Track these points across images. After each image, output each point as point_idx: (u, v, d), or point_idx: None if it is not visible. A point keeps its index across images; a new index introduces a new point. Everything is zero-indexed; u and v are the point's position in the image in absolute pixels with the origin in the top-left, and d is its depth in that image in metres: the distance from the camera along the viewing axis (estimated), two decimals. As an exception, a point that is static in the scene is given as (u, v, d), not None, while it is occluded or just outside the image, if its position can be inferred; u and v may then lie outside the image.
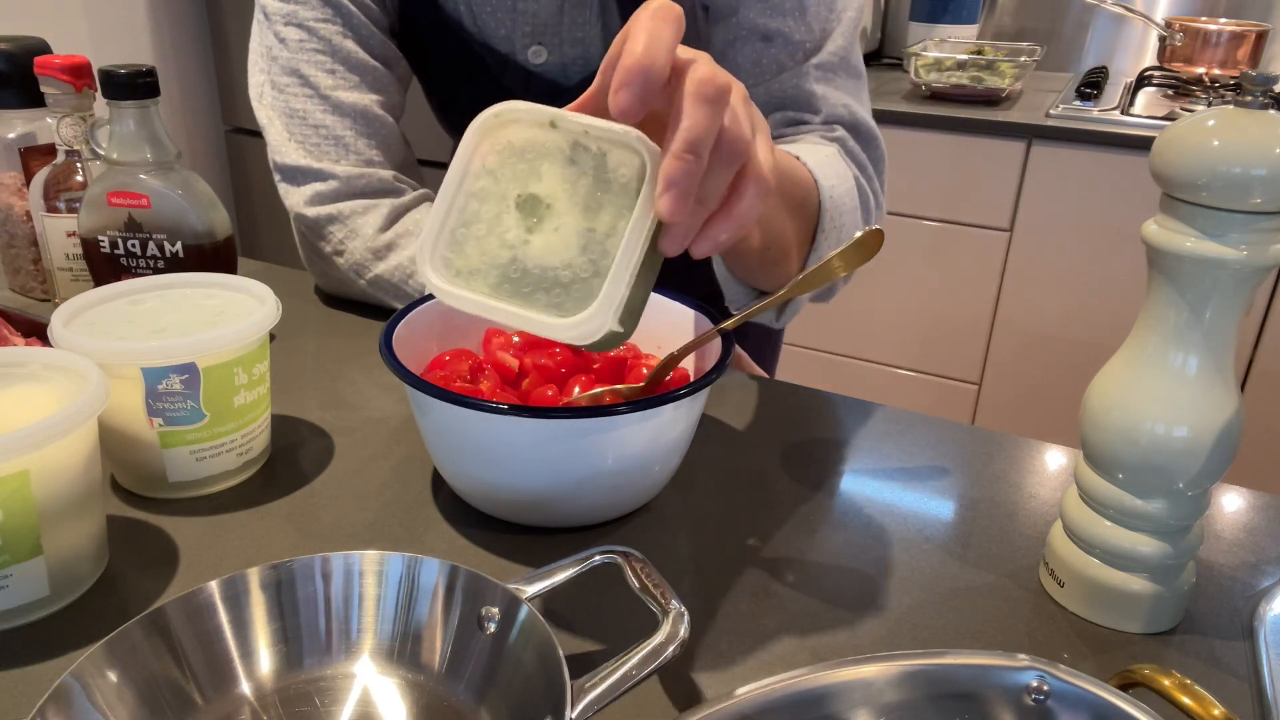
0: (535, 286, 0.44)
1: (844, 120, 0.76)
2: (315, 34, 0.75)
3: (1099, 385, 0.46)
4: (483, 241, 0.45)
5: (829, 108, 0.75)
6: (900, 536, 0.55)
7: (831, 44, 0.76)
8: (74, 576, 0.47)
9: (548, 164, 0.44)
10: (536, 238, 0.44)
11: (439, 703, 0.40)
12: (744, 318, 0.55)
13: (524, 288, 0.44)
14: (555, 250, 0.44)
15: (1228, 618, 0.49)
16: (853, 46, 0.77)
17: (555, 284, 0.44)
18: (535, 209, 0.45)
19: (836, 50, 0.76)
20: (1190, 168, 0.40)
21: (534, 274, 0.44)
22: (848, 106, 0.76)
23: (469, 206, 0.45)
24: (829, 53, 0.76)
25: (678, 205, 0.41)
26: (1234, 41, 1.85)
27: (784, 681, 0.35)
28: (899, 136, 1.77)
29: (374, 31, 0.78)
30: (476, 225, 0.45)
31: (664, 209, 0.41)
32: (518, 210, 0.45)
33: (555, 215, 0.44)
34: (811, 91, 0.75)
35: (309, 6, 0.75)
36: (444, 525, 0.54)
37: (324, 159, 0.76)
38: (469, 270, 0.45)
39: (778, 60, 0.75)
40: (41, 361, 0.49)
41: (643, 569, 0.41)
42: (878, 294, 1.91)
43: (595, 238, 0.43)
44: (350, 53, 0.76)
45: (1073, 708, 0.34)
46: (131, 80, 0.65)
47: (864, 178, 0.75)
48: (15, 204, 0.78)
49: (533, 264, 0.44)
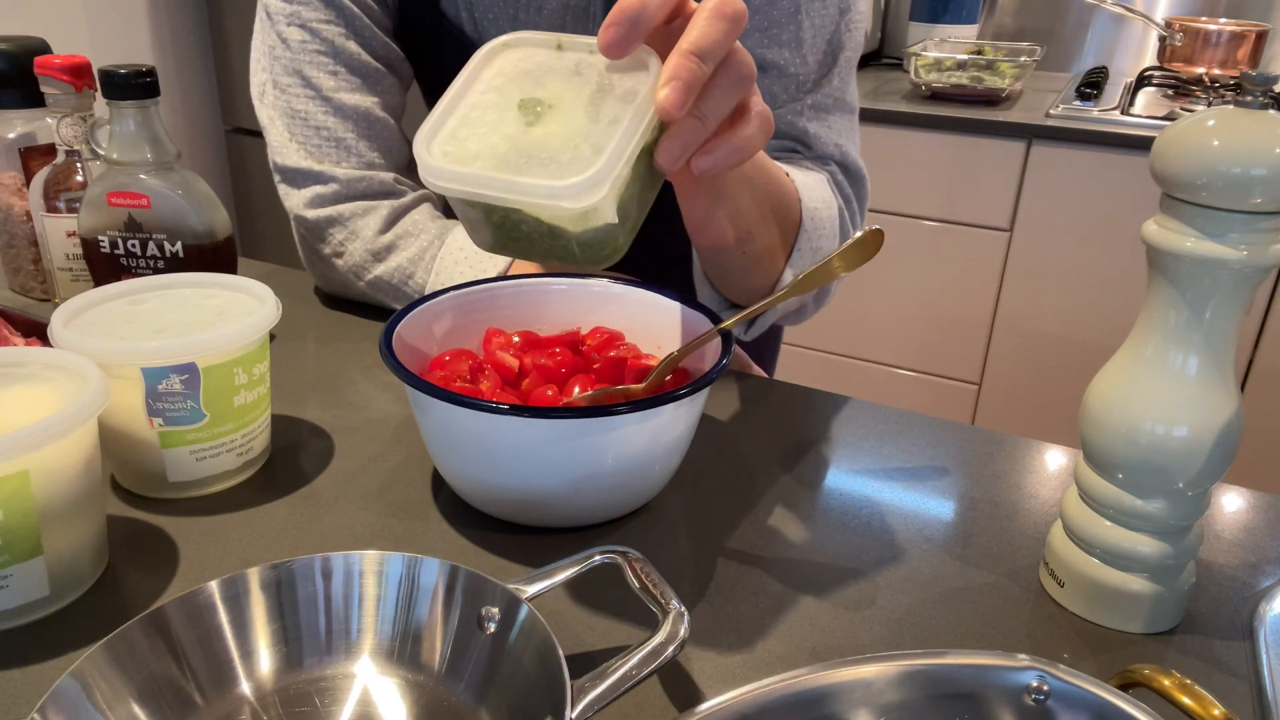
0: (533, 162, 0.43)
1: (834, 158, 0.78)
2: (318, 35, 0.75)
3: (1099, 385, 0.46)
4: (484, 137, 0.45)
5: (821, 145, 0.77)
6: (900, 536, 0.55)
7: (828, 83, 0.77)
8: (74, 576, 0.47)
9: (552, 77, 0.45)
10: (537, 129, 0.44)
11: (439, 703, 0.40)
12: (744, 317, 0.55)
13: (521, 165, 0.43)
14: (556, 136, 0.44)
15: (1228, 618, 0.49)
16: (848, 84, 0.79)
17: (553, 161, 0.43)
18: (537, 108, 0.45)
19: (832, 90, 0.77)
20: (1190, 168, 0.40)
21: (533, 154, 0.44)
22: (839, 146, 0.78)
23: (470, 114, 0.45)
24: (824, 92, 0.77)
25: (678, 98, 0.43)
26: (1234, 41, 1.85)
27: (784, 681, 0.35)
28: (899, 136, 1.78)
29: (376, 33, 0.78)
30: (478, 125, 0.45)
31: (664, 100, 0.43)
32: (519, 110, 0.45)
33: (557, 113, 0.44)
34: (805, 129, 0.76)
35: (311, 7, 0.75)
36: (444, 525, 0.54)
37: (325, 161, 0.76)
38: (467, 157, 0.44)
39: (771, 92, 0.75)
40: (41, 361, 0.49)
41: (643, 569, 0.41)
42: (878, 294, 1.91)
43: (598, 127, 0.44)
44: (352, 54, 0.76)
45: (1073, 708, 0.34)
46: (131, 80, 0.65)
47: (847, 210, 0.77)
48: (15, 204, 0.78)
49: (533, 148, 0.44)
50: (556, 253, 0.46)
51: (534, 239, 0.46)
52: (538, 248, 0.47)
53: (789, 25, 0.74)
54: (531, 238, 0.46)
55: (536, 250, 0.47)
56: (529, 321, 0.63)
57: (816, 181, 0.72)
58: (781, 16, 0.73)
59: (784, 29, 0.74)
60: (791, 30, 0.74)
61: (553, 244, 0.46)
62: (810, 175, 0.72)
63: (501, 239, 0.47)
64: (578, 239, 0.45)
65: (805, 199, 0.68)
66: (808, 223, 0.68)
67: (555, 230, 0.45)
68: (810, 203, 0.68)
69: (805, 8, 0.74)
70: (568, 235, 0.45)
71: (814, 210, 0.68)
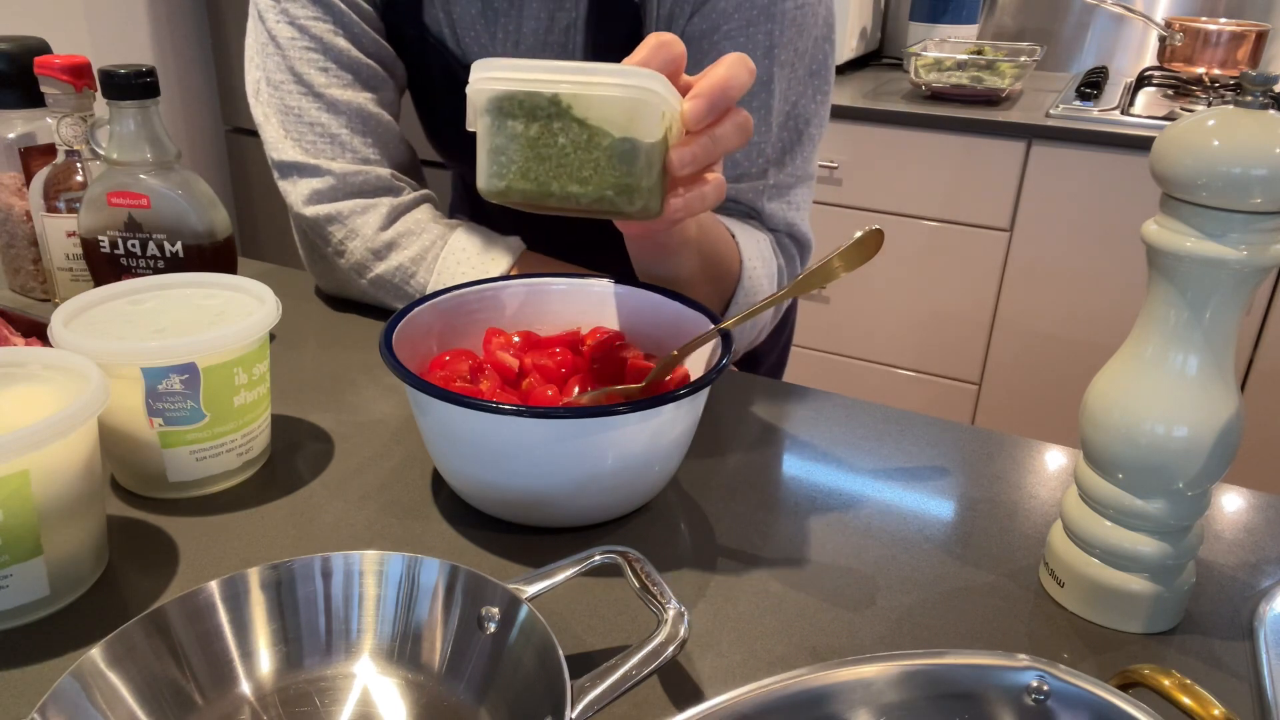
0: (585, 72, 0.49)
1: (780, 229, 0.81)
2: (307, 32, 0.75)
3: (1099, 385, 0.46)
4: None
5: (772, 222, 0.81)
6: (900, 536, 0.55)
7: (792, 160, 0.79)
8: (74, 576, 0.47)
9: None
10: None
11: (439, 703, 0.40)
12: (744, 317, 0.55)
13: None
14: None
15: (1228, 618, 0.49)
16: (810, 159, 0.82)
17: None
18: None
19: (795, 169, 0.80)
20: (1190, 168, 0.40)
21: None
22: (789, 223, 0.81)
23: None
24: (788, 171, 0.79)
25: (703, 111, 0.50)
26: (1234, 41, 1.85)
27: (784, 681, 0.35)
28: (899, 136, 1.78)
29: (366, 30, 0.77)
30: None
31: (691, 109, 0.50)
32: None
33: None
34: (761, 208, 0.80)
35: (299, 4, 0.75)
36: (444, 525, 0.54)
37: (320, 156, 0.76)
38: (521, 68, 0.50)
39: (735, 160, 0.77)
40: (41, 361, 0.49)
41: (643, 569, 0.41)
42: (878, 294, 1.91)
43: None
44: (342, 50, 0.76)
45: (1073, 708, 0.34)
46: (131, 80, 0.65)
47: (789, 270, 0.82)
48: (15, 204, 0.78)
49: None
50: (584, 172, 0.50)
51: (566, 155, 0.50)
52: (568, 167, 0.50)
53: (761, 93, 0.75)
54: (564, 154, 0.50)
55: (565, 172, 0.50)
56: (529, 321, 0.63)
57: (758, 241, 0.77)
58: (755, 85, 0.74)
59: (755, 96, 0.75)
60: (763, 98, 0.75)
61: (584, 161, 0.50)
62: (753, 235, 0.77)
63: (529, 160, 0.50)
64: (615, 150, 0.49)
65: (746, 257, 0.74)
66: (746, 280, 0.74)
67: (593, 139, 0.49)
68: (750, 261, 0.74)
69: (778, 75, 0.75)
70: (605, 144, 0.49)
71: (753, 269, 0.75)
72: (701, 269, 0.68)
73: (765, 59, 0.74)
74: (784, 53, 0.74)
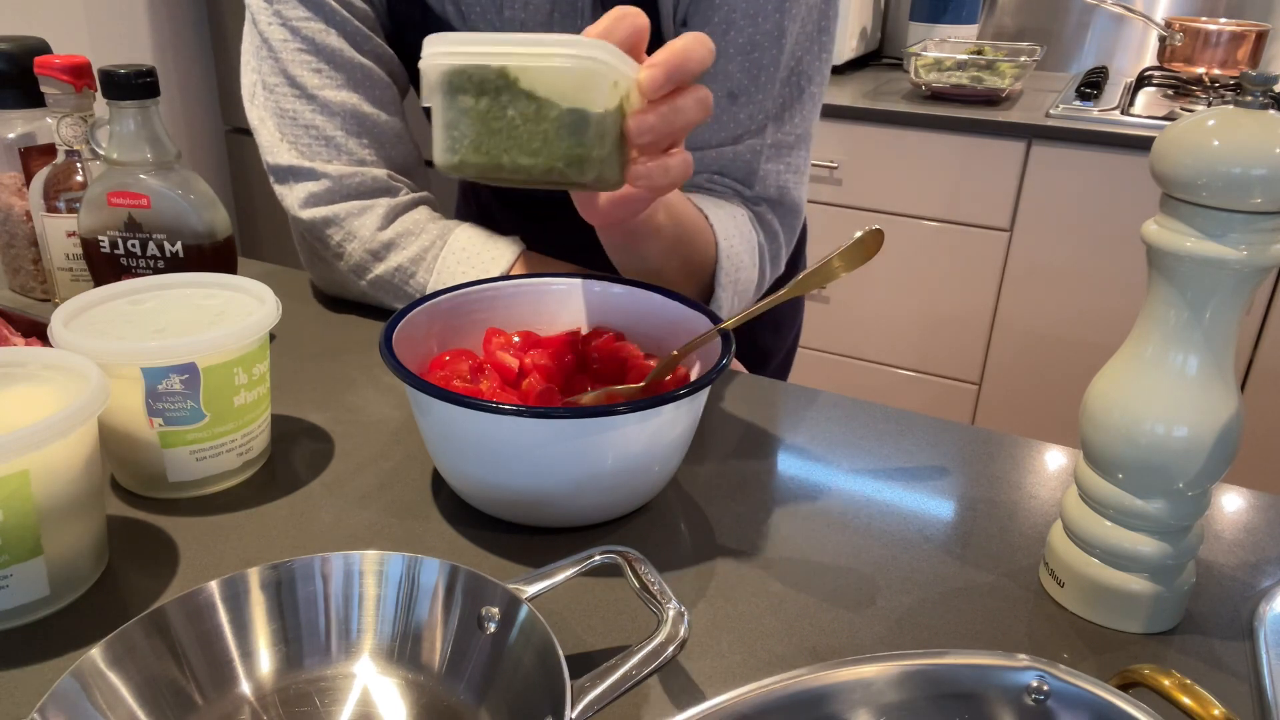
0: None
1: (770, 198, 0.80)
2: (299, 33, 0.75)
3: (1099, 385, 0.46)
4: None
5: (764, 187, 0.79)
6: (900, 536, 0.55)
7: (792, 118, 0.78)
8: (74, 576, 0.47)
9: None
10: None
11: (439, 703, 0.40)
12: (744, 317, 0.55)
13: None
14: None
15: (1228, 618, 0.49)
16: (810, 119, 0.80)
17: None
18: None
19: (794, 128, 0.78)
20: (1190, 168, 0.40)
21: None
22: (782, 186, 0.80)
23: None
24: (787, 130, 0.78)
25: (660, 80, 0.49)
26: (1234, 41, 1.85)
27: (784, 681, 0.35)
28: (899, 136, 1.78)
29: (359, 28, 0.77)
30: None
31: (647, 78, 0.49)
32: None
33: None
34: (756, 169, 0.78)
35: (291, 6, 0.75)
36: (444, 525, 0.54)
37: (315, 159, 0.76)
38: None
39: (737, 120, 0.76)
40: (41, 361, 0.49)
41: (643, 569, 0.41)
42: (878, 294, 1.91)
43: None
44: (335, 51, 0.76)
45: (1073, 708, 0.34)
46: (131, 80, 0.65)
47: (770, 245, 0.80)
48: (15, 204, 0.78)
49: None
50: (534, 144, 0.49)
51: (515, 128, 0.49)
52: (517, 140, 0.49)
53: (771, 48, 0.74)
54: (514, 126, 0.49)
55: (515, 145, 0.49)
56: (529, 321, 0.63)
57: (735, 216, 0.76)
58: (765, 40, 0.73)
59: (765, 50, 0.74)
60: (773, 54, 0.74)
61: (533, 133, 0.49)
62: (729, 210, 0.76)
63: (480, 134, 0.50)
64: (563, 121, 0.48)
65: (722, 236, 0.73)
66: (725, 259, 0.73)
67: (541, 111, 0.48)
68: (727, 239, 0.73)
69: (789, 28, 0.74)
70: (552, 116, 0.48)
71: (730, 246, 0.74)
72: (675, 253, 0.68)
73: (777, 12, 0.73)
74: (795, 6, 0.74)
